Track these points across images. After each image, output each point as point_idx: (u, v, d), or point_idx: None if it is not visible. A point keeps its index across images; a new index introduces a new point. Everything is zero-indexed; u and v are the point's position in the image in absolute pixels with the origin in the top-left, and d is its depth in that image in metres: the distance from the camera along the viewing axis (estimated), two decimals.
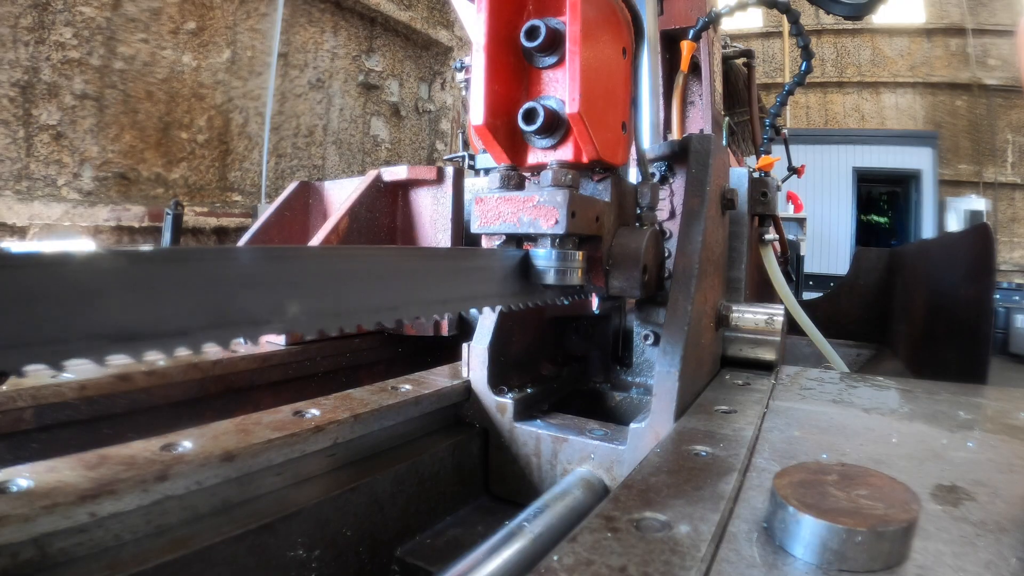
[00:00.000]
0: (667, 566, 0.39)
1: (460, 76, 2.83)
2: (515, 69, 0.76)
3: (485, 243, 0.90)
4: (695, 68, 1.87)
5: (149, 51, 4.34)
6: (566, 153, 0.74)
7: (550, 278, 0.71)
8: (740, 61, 2.60)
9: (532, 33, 0.72)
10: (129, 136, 4.28)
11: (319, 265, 0.46)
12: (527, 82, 0.77)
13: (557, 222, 0.68)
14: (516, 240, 0.76)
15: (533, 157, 0.77)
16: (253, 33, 5.10)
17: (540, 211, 0.69)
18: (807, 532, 0.40)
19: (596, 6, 0.73)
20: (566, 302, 0.81)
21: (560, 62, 0.73)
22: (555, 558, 0.39)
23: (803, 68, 1.55)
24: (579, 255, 0.73)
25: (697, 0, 1.86)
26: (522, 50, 0.75)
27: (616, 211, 0.83)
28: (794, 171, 3.31)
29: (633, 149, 0.88)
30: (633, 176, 0.95)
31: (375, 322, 0.50)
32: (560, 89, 0.73)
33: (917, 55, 11.42)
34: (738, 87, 2.66)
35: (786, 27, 10.86)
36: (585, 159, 0.74)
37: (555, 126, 0.73)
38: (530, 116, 0.72)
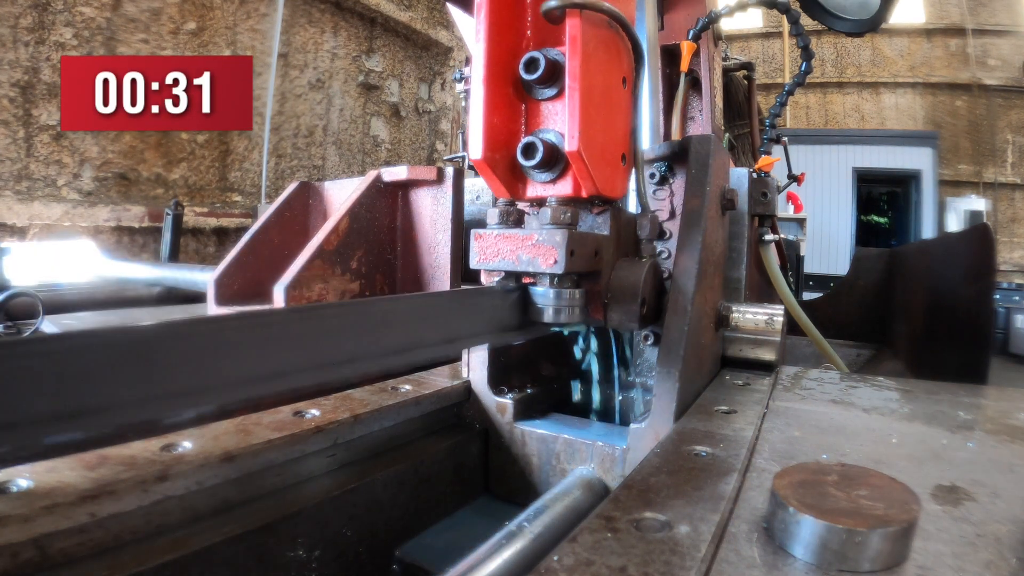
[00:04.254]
0: (667, 566, 0.39)
1: (460, 87, 2.81)
2: (513, 100, 0.75)
3: (484, 278, 0.91)
4: (695, 84, 1.87)
5: (149, 51, 4.34)
6: (565, 187, 0.74)
7: (548, 316, 0.72)
8: (740, 74, 2.59)
9: (531, 65, 0.71)
10: (129, 136, 4.28)
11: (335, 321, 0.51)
12: (526, 114, 0.76)
13: (556, 262, 0.69)
14: (515, 275, 0.76)
15: (532, 191, 0.77)
16: (253, 33, 5.10)
17: (539, 250, 0.70)
18: (807, 532, 0.40)
19: (596, 37, 0.72)
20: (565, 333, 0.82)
21: (559, 94, 0.72)
22: (555, 558, 0.40)
23: (803, 68, 1.54)
24: (577, 293, 0.74)
25: (698, 13, 1.85)
26: (521, 81, 0.74)
27: (615, 243, 0.83)
28: (794, 179, 3.29)
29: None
30: (633, 204, 0.95)
31: (387, 368, 0.56)
32: (559, 122, 0.73)
33: (917, 55, 11.41)
34: (738, 99, 2.65)
35: (786, 27, 10.86)
36: (584, 194, 0.74)
37: (554, 161, 0.73)
38: (529, 151, 0.72)
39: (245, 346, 0.44)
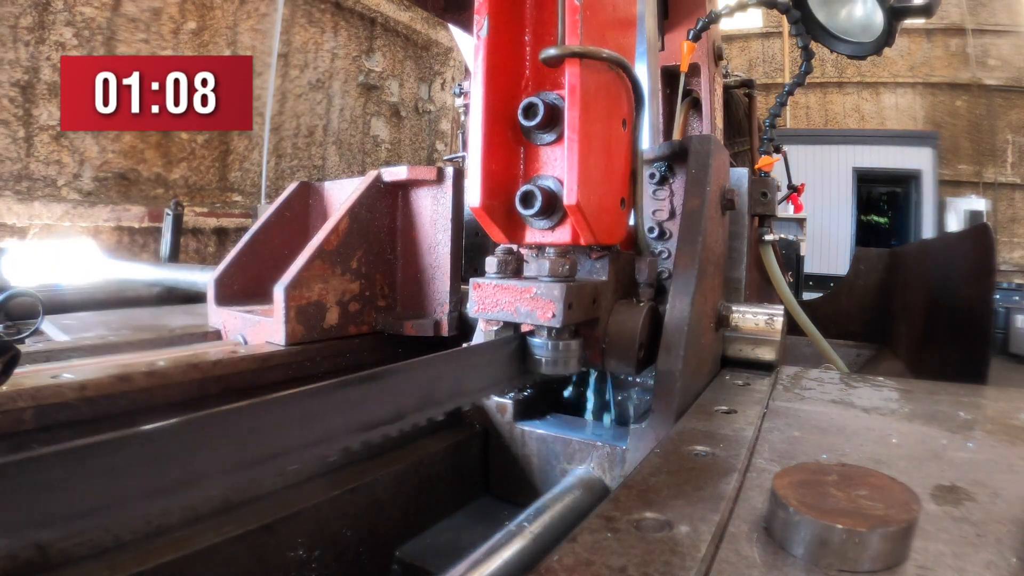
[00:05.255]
0: (667, 566, 0.39)
1: (459, 101, 2.78)
2: (512, 143, 0.74)
3: (483, 325, 0.91)
4: (695, 104, 1.87)
5: (149, 51, 4.34)
6: (564, 235, 0.74)
7: (546, 367, 0.73)
8: (741, 91, 2.58)
9: (530, 111, 0.70)
10: (129, 136, 4.28)
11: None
12: (524, 157, 0.75)
13: (554, 316, 0.69)
14: (514, 324, 0.76)
15: (531, 236, 0.77)
16: (253, 33, 5.10)
17: (537, 303, 0.70)
18: (807, 532, 0.40)
19: (596, 83, 0.71)
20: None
21: (559, 139, 0.71)
22: (555, 558, 0.40)
23: (803, 68, 1.54)
24: (574, 344, 0.74)
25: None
26: (520, 127, 0.73)
27: (614, 287, 0.83)
28: (794, 189, 3.28)
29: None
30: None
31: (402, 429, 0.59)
32: (558, 168, 0.72)
33: (917, 55, 11.41)
34: (738, 116, 2.64)
35: (786, 27, 10.84)
36: (583, 242, 0.74)
37: (553, 208, 0.72)
38: (528, 200, 0.71)
39: (288, 424, 0.51)
